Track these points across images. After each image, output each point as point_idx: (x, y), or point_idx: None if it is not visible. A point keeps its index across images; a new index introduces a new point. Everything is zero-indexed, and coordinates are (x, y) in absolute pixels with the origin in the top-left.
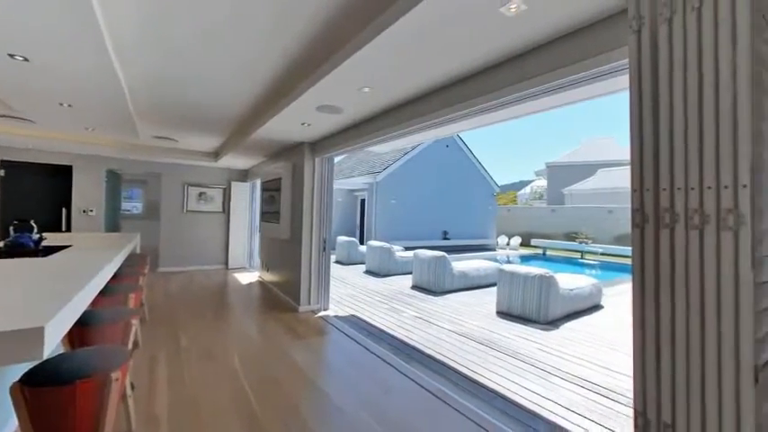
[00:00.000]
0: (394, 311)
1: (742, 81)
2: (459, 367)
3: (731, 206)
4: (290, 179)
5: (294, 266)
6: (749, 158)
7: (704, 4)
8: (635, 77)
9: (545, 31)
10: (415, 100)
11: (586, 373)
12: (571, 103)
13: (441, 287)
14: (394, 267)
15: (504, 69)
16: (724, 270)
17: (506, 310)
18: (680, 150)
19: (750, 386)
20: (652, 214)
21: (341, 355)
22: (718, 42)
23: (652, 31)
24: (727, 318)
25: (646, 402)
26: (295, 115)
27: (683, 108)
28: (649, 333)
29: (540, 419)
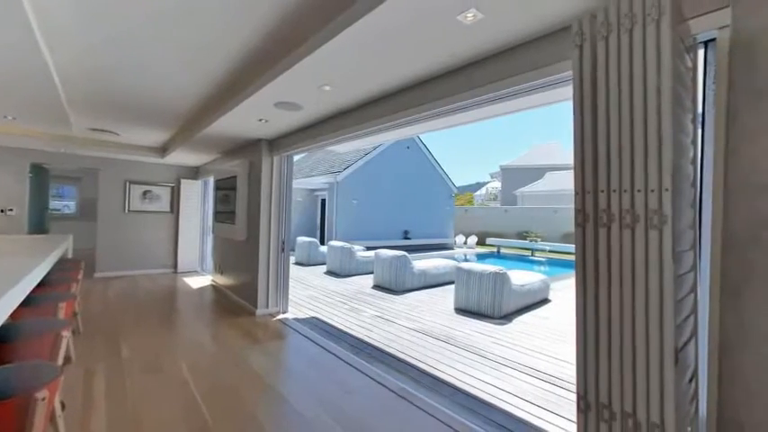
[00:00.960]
0: (354, 311)
1: (665, 97)
2: (420, 364)
3: (656, 207)
4: (246, 177)
5: (251, 268)
6: (671, 166)
7: (635, 27)
8: (577, 88)
9: (499, 41)
10: (376, 100)
11: (536, 364)
12: (523, 109)
13: (401, 286)
14: (355, 267)
15: (462, 75)
16: (651, 264)
17: (464, 306)
18: (615, 156)
19: (671, 366)
20: (592, 214)
21: (300, 357)
22: (646, 61)
23: (592, 48)
24: (654, 306)
25: (587, 386)
26: (252, 111)
27: (617, 119)
28: (590, 323)
29: (496, 410)
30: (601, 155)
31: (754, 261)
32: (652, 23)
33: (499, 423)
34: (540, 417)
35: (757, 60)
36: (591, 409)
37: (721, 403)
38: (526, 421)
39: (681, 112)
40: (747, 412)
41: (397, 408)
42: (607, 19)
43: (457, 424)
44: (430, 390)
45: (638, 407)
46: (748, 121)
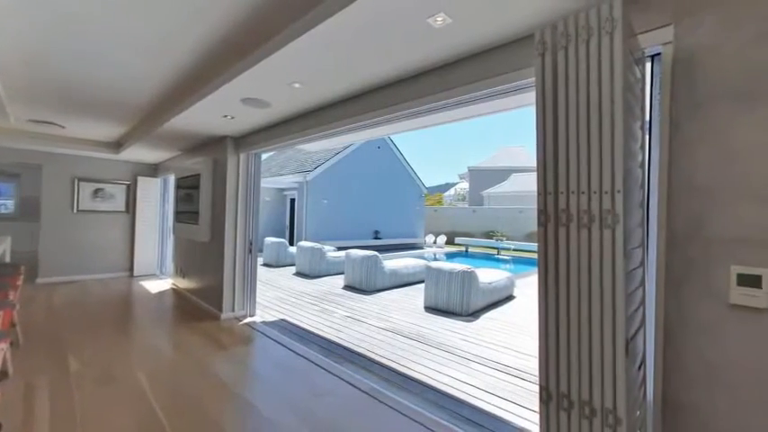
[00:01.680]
0: (325, 312)
1: (617, 106)
2: (390, 363)
3: (610, 208)
4: (210, 176)
5: (216, 271)
6: (622, 169)
7: (591, 39)
8: (539, 95)
9: (469, 46)
10: (348, 99)
11: (502, 358)
12: (492, 112)
13: (372, 286)
14: (325, 268)
15: (431, 78)
16: (605, 261)
17: (433, 304)
18: (573, 160)
19: (623, 355)
20: (553, 214)
21: (269, 362)
22: (601, 71)
23: (553, 56)
24: (608, 300)
25: (548, 378)
26: (217, 106)
27: (575, 124)
28: (551, 317)
29: (464, 404)
30: (561, 158)
31: (693, 257)
32: (606, 36)
33: (467, 417)
34: (506, 409)
35: (695, 75)
36: (552, 399)
37: (665, 387)
38: (493, 414)
39: (631, 119)
40: (687, 395)
41: (368, 407)
42: (566, 30)
43: (426, 420)
44: (400, 388)
45: (594, 394)
46: (688, 130)
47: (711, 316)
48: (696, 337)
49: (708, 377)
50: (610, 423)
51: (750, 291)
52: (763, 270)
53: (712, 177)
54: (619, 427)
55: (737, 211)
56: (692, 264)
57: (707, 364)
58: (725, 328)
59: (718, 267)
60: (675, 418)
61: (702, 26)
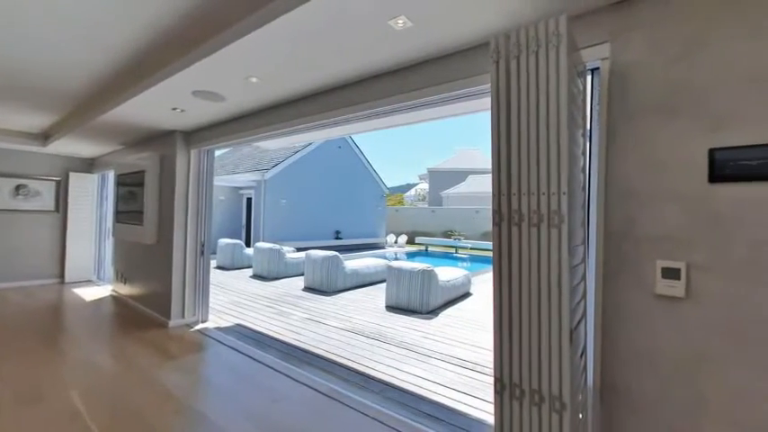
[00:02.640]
0: (283, 315)
1: (562, 114)
2: (350, 363)
3: (556, 208)
4: (156, 173)
5: (163, 275)
6: (567, 173)
7: (540, 50)
8: (494, 100)
9: (427, 50)
10: (307, 97)
11: (460, 353)
12: (451, 115)
13: (333, 287)
14: (284, 270)
15: (392, 79)
16: (552, 258)
17: (394, 303)
18: (524, 163)
19: (567, 344)
20: (506, 214)
21: (223, 369)
22: (548, 81)
23: (506, 65)
24: (554, 293)
25: (502, 369)
26: (165, 98)
27: (526, 130)
28: (504, 311)
29: (425, 400)
30: (513, 161)
31: (626, 253)
32: (553, 49)
33: (427, 413)
34: (465, 402)
35: (628, 89)
36: (505, 390)
37: (603, 372)
38: (452, 408)
39: (574, 127)
40: (621, 378)
41: (328, 410)
42: (518, 40)
43: (387, 418)
44: (361, 388)
45: (542, 383)
46: (622, 139)
47: (641, 305)
48: (628, 326)
49: (637, 361)
50: (556, 408)
51: (671, 282)
52: (681, 263)
53: (641, 182)
54: (564, 412)
55: (662, 212)
56: (625, 259)
57: (636, 349)
58: (651, 317)
59: (646, 262)
60: (611, 399)
61: (633, 45)
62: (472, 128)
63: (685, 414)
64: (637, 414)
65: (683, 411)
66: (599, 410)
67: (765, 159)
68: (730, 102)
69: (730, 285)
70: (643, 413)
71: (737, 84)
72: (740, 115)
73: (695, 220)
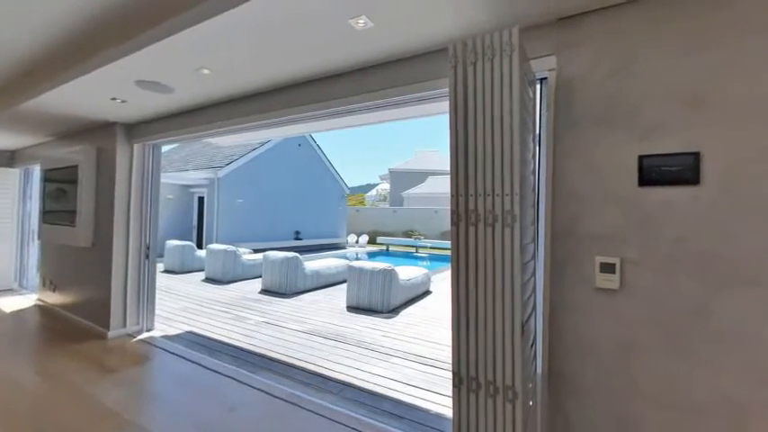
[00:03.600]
0: (238, 320)
1: (515, 120)
2: (309, 366)
3: (509, 208)
4: (93, 168)
5: (101, 281)
6: (519, 175)
7: (494, 58)
8: (452, 104)
9: (388, 51)
10: (264, 93)
11: (420, 350)
12: (412, 117)
13: (293, 288)
14: (240, 272)
15: (352, 79)
16: (506, 255)
17: (355, 304)
18: (480, 165)
19: (519, 337)
20: (464, 214)
21: (171, 380)
22: (502, 88)
23: (464, 70)
24: (507, 289)
25: (459, 364)
26: (104, 86)
27: (482, 134)
28: (462, 307)
29: (384, 398)
30: (470, 164)
31: (570, 249)
32: (506, 58)
33: (387, 410)
34: (424, 398)
35: (571, 98)
36: (463, 383)
37: (550, 361)
38: (412, 404)
39: (525, 132)
40: (566, 365)
41: (286, 414)
42: (475, 47)
43: (346, 419)
44: (320, 390)
45: (497, 374)
46: (566, 144)
47: (583, 298)
48: (572, 317)
49: (580, 349)
50: (510, 398)
51: (608, 276)
52: (616, 259)
53: (583, 185)
54: (516, 401)
55: (600, 212)
56: (569, 256)
57: (579, 338)
58: (591, 308)
59: (587, 258)
60: (557, 386)
61: (575, 59)
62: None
63: (619, 396)
64: (579, 398)
65: (618, 394)
66: (546, 397)
67: (683, 166)
68: (655, 114)
69: (656, 278)
70: (584, 397)
71: (661, 98)
72: (664, 126)
73: (627, 219)
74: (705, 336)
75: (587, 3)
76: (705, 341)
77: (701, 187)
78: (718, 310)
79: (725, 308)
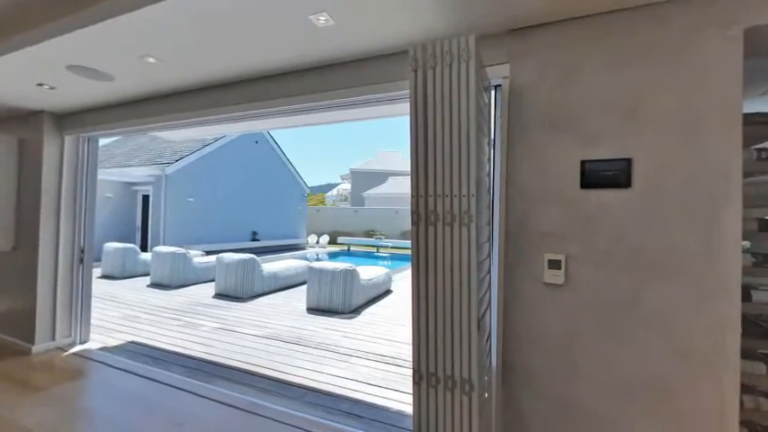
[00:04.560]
0: (190, 327)
1: (472, 124)
2: (268, 371)
3: (466, 209)
4: (12, 162)
5: (24, 289)
6: (476, 177)
7: (453, 64)
8: (413, 106)
9: (350, 50)
10: (217, 87)
11: (381, 349)
12: (373, 117)
13: (250, 292)
14: (192, 276)
15: (313, 76)
16: (463, 254)
17: (315, 305)
18: (439, 167)
19: (476, 331)
20: (424, 214)
21: (110, 397)
22: (460, 93)
23: (424, 74)
24: (465, 286)
25: (419, 360)
26: (27, 69)
27: (441, 136)
28: (422, 305)
29: (344, 399)
30: (430, 165)
31: (521, 246)
32: (464, 64)
33: (346, 411)
34: (384, 396)
35: (522, 106)
36: (423, 379)
37: (504, 353)
38: (372, 403)
39: (481, 136)
40: (517, 355)
41: (244, 425)
42: (434, 52)
43: (307, 423)
44: (280, 396)
45: (455, 369)
46: (518, 148)
47: (532, 293)
48: (523, 311)
49: (530, 340)
50: (466, 391)
51: (555, 272)
52: (562, 255)
53: (533, 186)
54: (473, 393)
55: (548, 212)
56: (521, 253)
57: (529, 330)
58: (540, 302)
59: (536, 255)
60: (510, 376)
61: (526, 68)
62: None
63: (564, 381)
64: (529, 386)
65: (563, 379)
66: (500, 387)
67: (618, 170)
68: (595, 122)
69: (595, 272)
70: (534, 385)
71: (600, 108)
72: (602, 134)
73: (571, 219)
74: (635, 322)
75: (536, 16)
76: (635, 327)
77: (632, 190)
78: (645, 299)
79: (651, 297)
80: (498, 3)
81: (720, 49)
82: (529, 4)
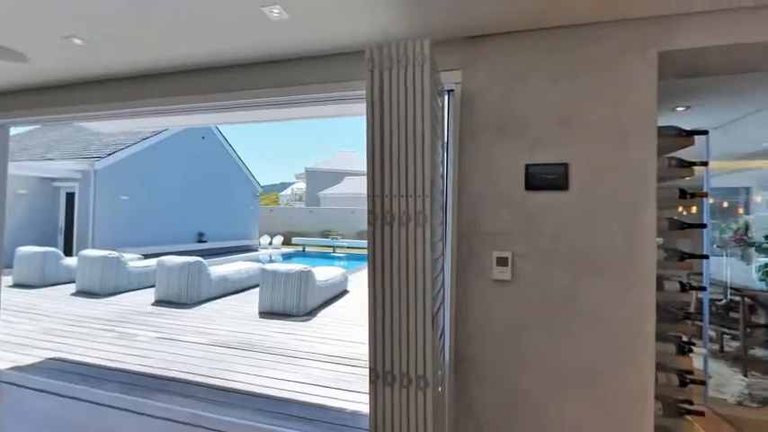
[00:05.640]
0: (125, 338)
1: (426, 126)
2: (215, 381)
3: (421, 209)
4: None
5: None
6: (430, 178)
7: (408, 67)
8: (369, 107)
9: (306, 46)
10: (157, 75)
11: (337, 351)
12: (329, 116)
13: (196, 297)
14: (126, 282)
15: (265, 71)
16: (418, 253)
17: (269, 309)
18: (395, 168)
19: (430, 328)
20: (380, 214)
21: (27, 422)
22: (415, 95)
23: (380, 75)
24: (420, 284)
25: (376, 359)
26: None
27: (397, 137)
28: (378, 304)
29: (294, 403)
30: (386, 166)
31: (473, 246)
32: (419, 67)
33: (297, 415)
34: (339, 398)
35: (473, 111)
36: (379, 378)
37: (456, 348)
38: (325, 405)
39: (435, 139)
40: (469, 349)
41: None
42: (390, 53)
43: (251, 431)
44: (225, 405)
45: (410, 366)
46: (469, 152)
47: (483, 289)
48: (474, 306)
49: (480, 334)
50: (421, 386)
51: (502, 269)
52: (508, 253)
53: (483, 188)
54: (427, 388)
55: (497, 212)
56: (471, 252)
57: (480, 325)
58: (490, 297)
59: (486, 253)
60: (462, 370)
61: (477, 75)
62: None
63: (511, 371)
64: (480, 378)
65: (510, 369)
66: (453, 381)
67: (557, 174)
68: (539, 129)
69: (538, 268)
70: (484, 377)
71: (543, 116)
72: (544, 140)
73: (517, 218)
74: (572, 315)
75: (488, 26)
76: (573, 319)
77: (569, 192)
78: (581, 294)
79: (585, 292)
80: (453, 11)
81: (640, 69)
82: (482, 14)
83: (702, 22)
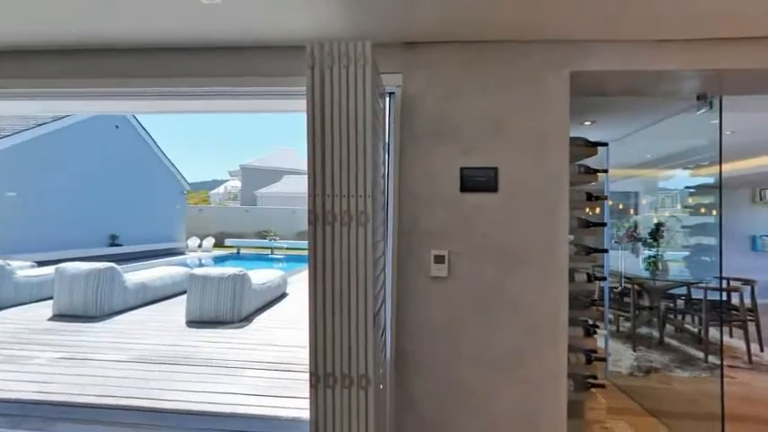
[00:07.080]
0: (14, 362)
1: (367, 127)
2: (137, 402)
3: (363, 209)
4: None
5: None
6: (372, 178)
7: (349, 66)
8: (310, 104)
9: (240, 35)
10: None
11: (275, 357)
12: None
13: (108, 309)
14: (14, 295)
15: (194, 58)
16: (359, 253)
17: (198, 317)
18: (337, 167)
19: (372, 327)
20: (321, 214)
21: None
22: (357, 95)
23: (321, 72)
24: (361, 284)
25: (317, 363)
26: None
27: (338, 137)
28: (319, 306)
29: (232, 417)
30: (327, 165)
31: (412, 243)
32: (361, 68)
33: (235, 429)
34: (278, 406)
35: (413, 114)
36: (320, 381)
37: (397, 344)
38: (265, 415)
39: (376, 139)
40: (409, 345)
41: None
42: (332, 52)
43: None
44: (154, 428)
45: (352, 366)
46: (409, 154)
47: (421, 286)
48: (414, 303)
49: (420, 330)
50: (363, 386)
51: (440, 266)
52: (445, 251)
53: (422, 189)
54: (369, 387)
55: (434, 212)
56: (411, 251)
57: (419, 321)
58: (428, 294)
59: (425, 252)
60: (403, 365)
61: (416, 80)
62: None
63: (449, 364)
64: (420, 373)
65: (448, 362)
66: (394, 377)
67: (487, 177)
68: (472, 135)
69: (471, 265)
70: (424, 370)
71: (475, 122)
72: (476, 145)
73: (453, 218)
74: (501, 306)
75: (424, 35)
76: (501, 310)
77: (498, 194)
78: (508, 286)
79: (512, 285)
80: (392, 17)
81: (557, 85)
82: (419, 22)
83: (608, 50)
